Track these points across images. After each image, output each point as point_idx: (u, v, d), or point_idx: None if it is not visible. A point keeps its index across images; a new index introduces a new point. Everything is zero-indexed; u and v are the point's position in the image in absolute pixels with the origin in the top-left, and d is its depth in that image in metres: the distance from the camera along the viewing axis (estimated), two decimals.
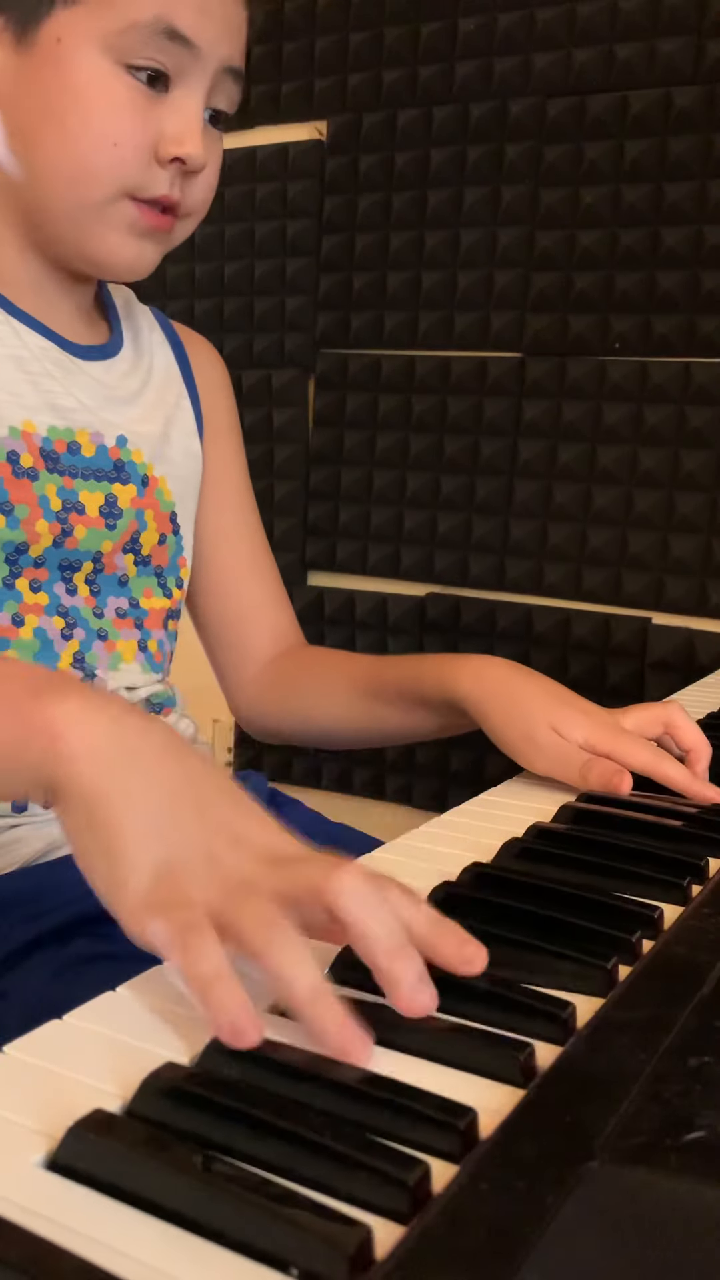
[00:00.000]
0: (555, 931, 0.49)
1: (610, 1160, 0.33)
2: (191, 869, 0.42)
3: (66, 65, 0.69)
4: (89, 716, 0.44)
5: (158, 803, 0.44)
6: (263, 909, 0.40)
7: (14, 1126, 0.35)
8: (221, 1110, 0.35)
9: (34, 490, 0.74)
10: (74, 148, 0.70)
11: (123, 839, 0.42)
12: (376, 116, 1.68)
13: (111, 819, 0.43)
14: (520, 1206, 0.31)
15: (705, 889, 0.56)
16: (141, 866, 0.42)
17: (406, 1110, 0.36)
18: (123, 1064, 0.38)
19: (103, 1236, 0.31)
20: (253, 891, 0.41)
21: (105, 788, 0.43)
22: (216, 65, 0.72)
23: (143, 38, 0.68)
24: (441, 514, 1.69)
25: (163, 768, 0.45)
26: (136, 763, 0.44)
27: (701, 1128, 0.35)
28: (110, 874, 0.43)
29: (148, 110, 0.70)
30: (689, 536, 1.51)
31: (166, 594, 0.84)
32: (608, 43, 1.50)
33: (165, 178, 0.72)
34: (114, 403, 0.80)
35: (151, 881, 0.42)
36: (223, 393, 0.94)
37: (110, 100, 0.69)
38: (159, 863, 0.42)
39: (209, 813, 0.45)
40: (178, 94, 0.71)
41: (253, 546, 0.96)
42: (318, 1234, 0.30)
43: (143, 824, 0.43)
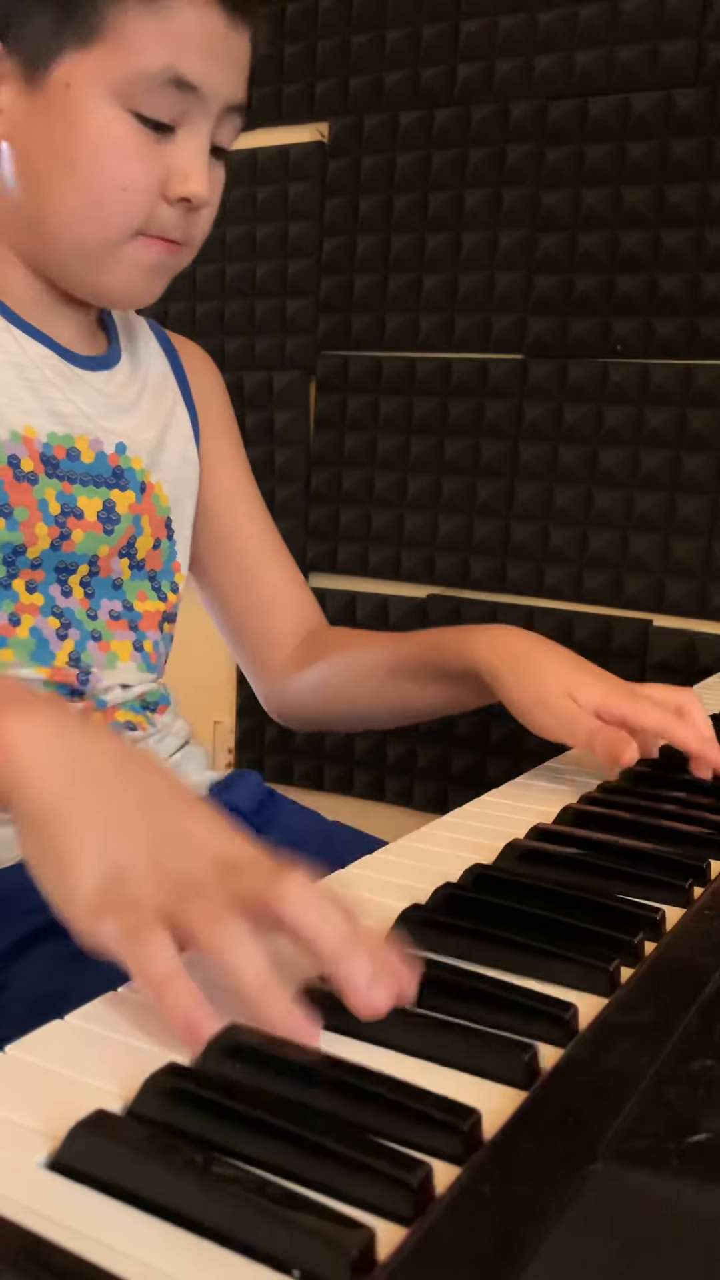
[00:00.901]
0: (557, 933, 0.49)
1: (613, 1163, 0.33)
2: (139, 874, 0.43)
3: (76, 110, 0.70)
4: (42, 732, 0.46)
5: (106, 814, 0.45)
6: (210, 905, 0.41)
7: (16, 1127, 0.35)
8: (223, 1111, 0.35)
9: (34, 494, 0.75)
10: (84, 191, 0.72)
11: (70, 850, 0.44)
12: (378, 118, 1.68)
13: (59, 831, 0.44)
14: (523, 1209, 0.31)
15: (707, 891, 0.56)
16: (88, 875, 0.43)
17: (409, 1111, 0.36)
18: (124, 1064, 0.38)
19: (104, 1237, 0.31)
20: (200, 891, 0.42)
21: (53, 802, 0.44)
22: (220, 106, 0.73)
23: (151, 86, 0.70)
24: (443, 516, 1.69)
25: (113, 779, 0.46)
26: (85, 776, 0.46)
27: (704, 1130, 0.35)
28: (59, 883, 0.44)
29: (154, 153, 0.72)
30: (690, 539, 1.51)
31: (161, 597, 0.85)
32: (609, 45, 1.50)
33: (172, 215, 0.74)
34: (113, 411, 0.81)
35: (99, 888, 0.43)
36: (218, 396, 0.95)
37: (119, 146, 0.71)
38: (107, 870, 0.43)
39: (158, 821, 0.46)
40: (183, 136, 0.72)
41: (265, 537, 0.97)
42: (320, 1236, 0.30)
43: (90, 835, 0.44)
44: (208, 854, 0.45)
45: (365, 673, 0.91)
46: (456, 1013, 0.42)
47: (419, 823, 0.66)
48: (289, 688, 0.97)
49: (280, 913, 0.41)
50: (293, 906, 0.41)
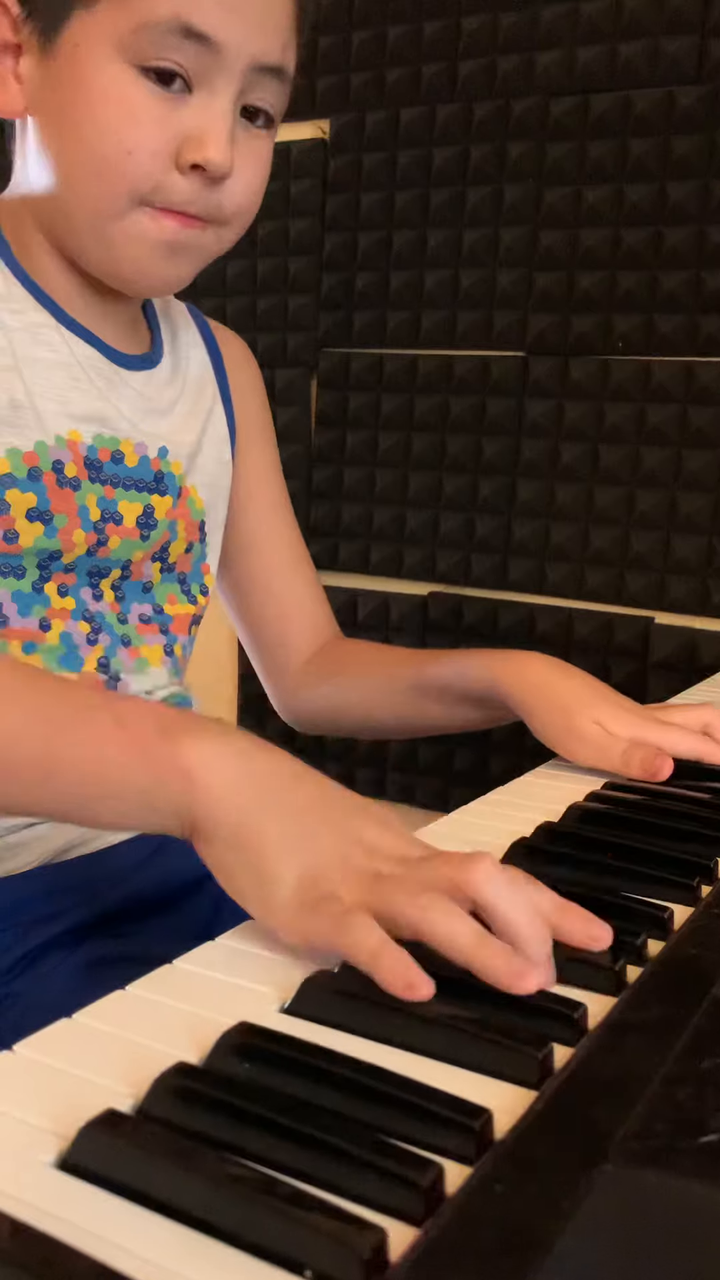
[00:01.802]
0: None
1: (624, 1163, 0.33)
2: (331, 873, 0.46)
3: (82, 71, 0.66)
4: (219, 754, 0.49)
5: (292, 821, 0.48)
6: (408, 888, 0.44)
7: (26, 1126, 0.35)
8: (234, 1111, 0.35)
9: (75, 500, 0.74)
10: (89, 156, 0.67)
11: (266, 857, 0.47)
12: (379, 115, 1.68)
13: (253, 842, 0.47)
14: (534, 1209, 0.31)
15: (715, 889, 0.56)
16: (286, 877, 0.46)
17: (420, 1111, 0.36)
18: (134, 1064, 0.38)
19: (115, 1237, 0.31)
20: (393, 881, 0.45)
21: (243, 817, 0.47)
22: (245, 64, 0.67)
23: (158, 37, 0.65)
24: (444, 513, 1.69)
25: (292, 790, 0.49)
26: (268, 790, 0.49)
27: (715, 1130, 0.35)
28: (259, 890, 0.47)
29: (167, 114, 0.66)
30: (691, 536, 1.51)
31: (191, 600, 0.85)
32: (611, 42, 1.49)
33: (186, 187, 0.68)
34: (153, 414, 0.80)
35: (297, 889, 0.46)
36: (255, 395, 0.93)
37: (124, 106, 0.66)
38: (301, 872, 0.46)
39: (341, 825, 0.49)
40: (200, 96, 0.67)
41: (290, 546, 0.96)
42: (332, 1236, 0.30)
43: (281, 841, 0.47)
44: (392, 851, 0.48)
45: (385, 689, 0.92)
46: (466, 1012, 0.42)
47: (421, 821, 0.66)
48: (304, 696, 0.97)
49: (475, 894, 0.44)
50: (488, 888, 0.44)
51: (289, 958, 0.47)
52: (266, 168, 0.73)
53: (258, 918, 0.47)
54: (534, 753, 0.80)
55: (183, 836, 0.49)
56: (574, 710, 0.76)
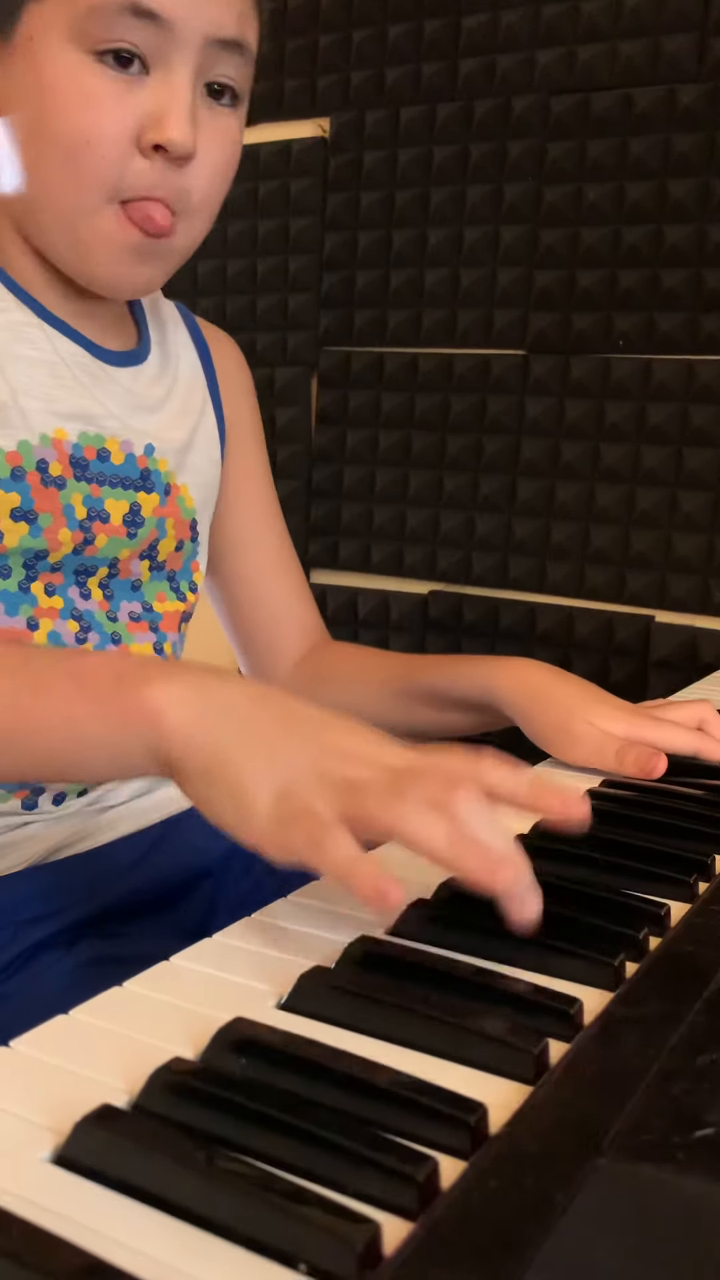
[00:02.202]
0: (562, 928, 0.48)
1: (619, 1157, 0.33)
2: (308, 786, 0.46)
3: (39, 64, 0.65)
4: (180, 692, 0.49)
5: (262, 742, 0.48)
6: (384, 794, 0.45)
7: (21, 1121, 0.35)
8: (229, 1106, 0.35)
9: (60, 499, 0.73)
10: (53, 150, 0.66)
11: (240, 778, 0.46)
12: (379, 114, 1.68)
13: (227, 766, 0.47)
14: (529, 1203, 0.31)
15: (712, 886, 0.56)
16: (263, 795, 0.46)
17: (415, 1106, 0.36)
18: (129, 1059, 0.38)
19: (110, 1232, 0.31)
20: (371, 789, 0.45)
21: (214, 747, 0.47)
22: (200, 39, 0.65)
23: (109, 19, 0.63)
24: (444, 512, 1.69)
25: (257, 712, 0.49)
26: (233, 717, 0.49)
27: (710, 1125, 0.35)
28: (237, 811, 0.46)
29: (124, 97, 0.65)
30: (692, 535, 1.51)
31: (180, 598, 0.84)
32: (611, 40, 1.50)
33: (150, 171, 0.66)
34: (141, 411, 0.80)
35: (274, 804, 0.46)
36: (246, 395, 0.93)
37: (81, 93, 0.64)
38: (278, 787, 0.46)
39: (311, 737, 0.49)
40: (157, 75, 0.65)
41: (279, 548, 0.96)
42: (326, 1230, 0.30)
43: (254, 761, 0.47)
44: (370, 760, 0.48)
45: (375, 694, 0.91)
46: (462, 1008, 0.42)
47: None
48: None
49: (451, 816, 0.44)
50: (464, 813, 0.44)
51: (286, 954, 0.47)
52: (235, 148, 0.72)
53: (241, 839, 0.47)
54: (532, 753, 0.80)
55: (162, 775, 0.50)
56: (569, 712, 0.76)
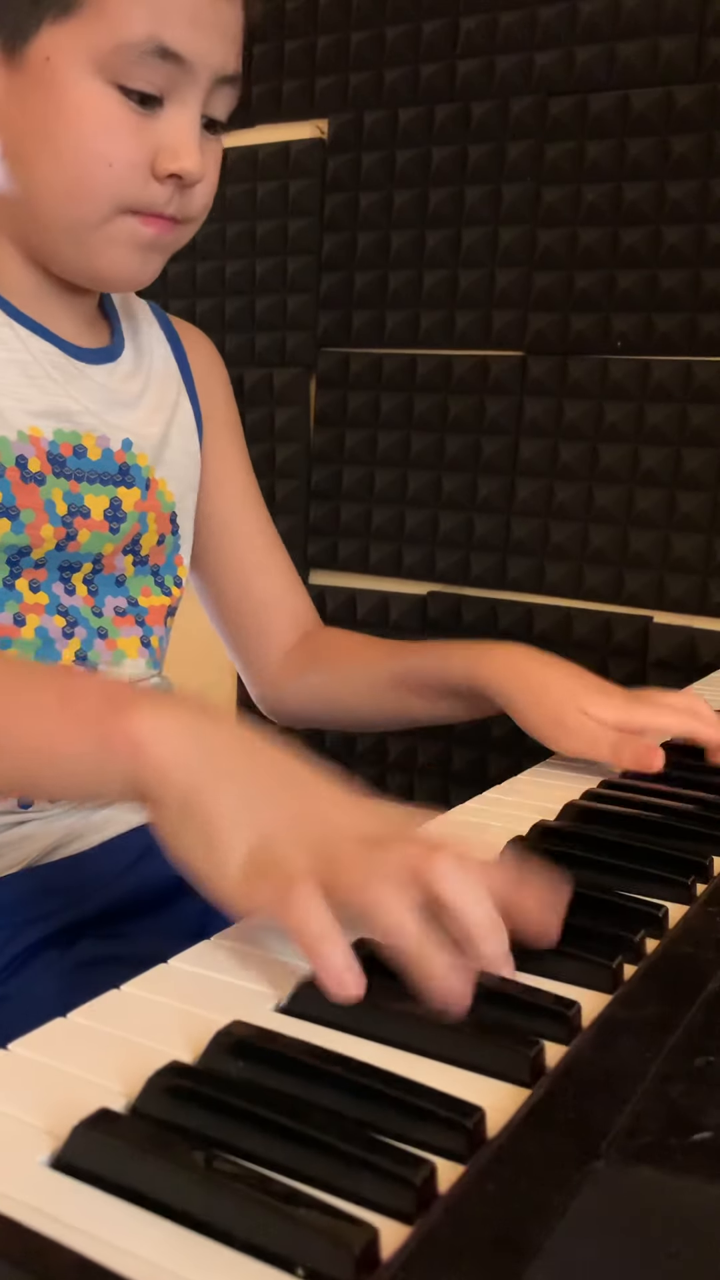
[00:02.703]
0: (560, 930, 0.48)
1: (616, 1160, 0.33)
2: (285, 843, 0.45)
3: (57, 85, 0.68)
4: (168, 724, 0.48)
5: (244, 790, 0.47)
6: (361, 869, 0.43)
7: (19, 1124, 0.35)
8: (227, 1109, 0.35)
9: (40, 495, 0.74)
10: (69, 168, 0.69)
11: (217, 825, 0.46)
12: (378, 115, 1.68)
13: (204, 810, 0.46)
14: (526, 1206, 0.31)
15: (710, 887, 0.56)
16: (237, 846, 0.45)
17: (413, 1109, 0.36)
18: (127, 1062, 0.38)
19: (108, 1236, 0.31)
20: (348, 857, 0.44)
21: (193, 784, 0.46)
22: (210, 77, 0.70)
23: (135, 57, 0.67)
24: (443, 513, 1.69)
25: (242, 758, 0.49)
26: (218, 757, 0.48)
27: (708, 1128, 0.35)
28: (209, 858, 0.46)
29: (141, 127, 0.69)
30: (690, 535, 1.51)
31: (165, 592, 0.85)
32: (609, 41, 1.49)
33: (163, 193, 0.71)
34: (117, 406, 0.80)
35: (248, 858, 0.45)
36: (220, 387, 0.94)
37: (103, 120, 0.68)
38: (254, 840, 0.45)
39: (294, 796, 0.48)
40: (172, 109, 0.69)
41: (264, 535, 0.96)
42: (324, 1234, 0.30)
43: (233, 809, 0.46)
44: (349, 828, 0.47)
45: (367, 682, 0.91)
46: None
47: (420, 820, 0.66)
48: (284, 689, 0.96)
49: (435, 887, 0.43)
50: (448, 882, 0.43)
51: (284, 957, 0.47)
52: (219, 166, 0.77)
53: (206, 886, 0.46)
54: (533, 752, 0.80)
55: (134, 805, 0.49)
56: (559, 700, 0.75)
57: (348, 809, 0.48)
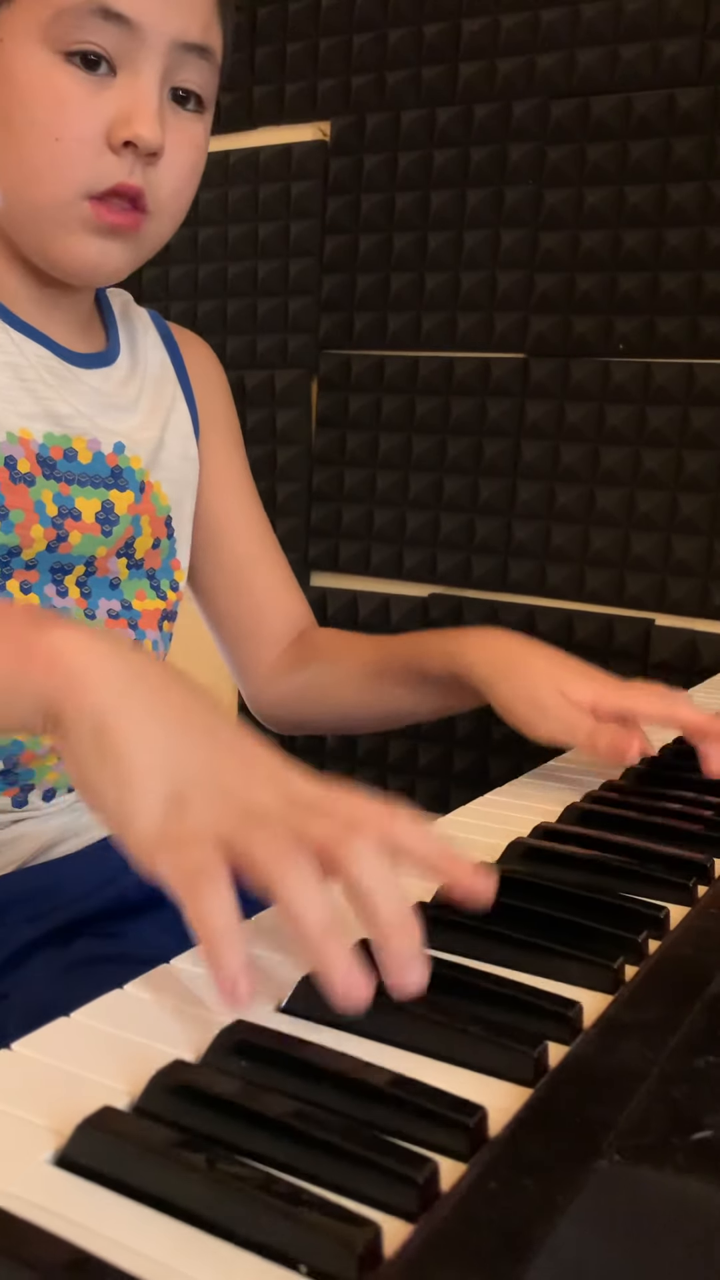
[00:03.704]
0: (562, 931, 0.49)
1: (619, 1160, 0.34)
2: (203, 798, 0.41)
3: (9, 64, 0.67)
4: (91, 644, 0.44)
5: (166, 729, 0.43)
6: (276, 839, 0.40)
7: (24, 1123, 0.35)
8: (230, 1108, 0.35)
9: (30, 496, 0.74)
10: (20, 148, 0.68)
11: (132, 766, 0.42)
12: (380, 117, 1.68)
13: (120, 744, 0.42)
14: (529, 1205, 0.31)
15: (711, 889, 0.56)
16: (152, 796, 0.41)
17: (415, 1108, 0.36)
18: (131, 1061, 0.38)
19: (112, 1233, 0.31)
20: (266, 823, 0.41)
21: (113, 710, 0.42)
22: (167, 42, 0.67)
23: (76, 21, 0.65)
24: (444, 515, 1.69)
25: (168, 694, 0.45)
26: (141, 688, 0.44)
27: (709, 1127, 0.35)
28: (119, 804, 0.42)
29: (92, 98, 0.67)
30: (692, 538, 1.51)
31: (160, 596, 0.84)
32: (612, 44, 1.50)
33: (121, 165, 0.68)
34: (112, 410, 0.80)
35: (162, 813, 0.41)
36: (219, 390, 0.93)
37: (51, 93, 0.66)
38: (170, 792, 0.42)
39: (218, 743, 0.44)
40: (124, 76, 0.67)
41: (261, 537, 0.96)
42: (327, 1232, 0.30)
43: (152, 750, 0.42)
44: (274, 782, 0.43)
45: (349, 676, 0.90)
46: (462, 1010, 0.42)
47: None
48: (277, 688, 0.96)
49: (345, 869, 0.40)
50: (359, 867, 0.40)
51: (286, 958, 0.47)
52: (200, 153, 0.73)
53: (112, 830, 0.42)
54: (534, 754, 0.79)
55: (44, 732, 0.45)
56: (537, 680, 0.73)
57: (271, 760, 0.44)
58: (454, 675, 0.80)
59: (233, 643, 0.97)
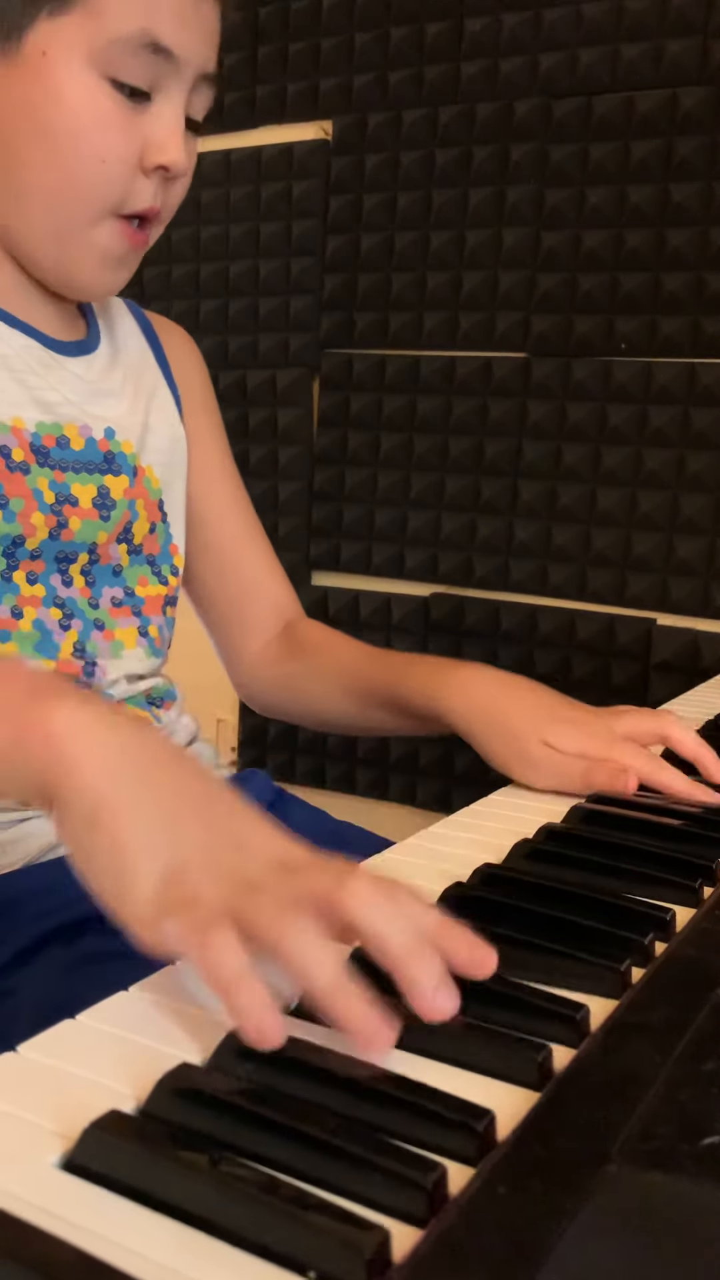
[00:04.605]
0: (567, 933, 0.49)
1: (627, 1164, 0.33)
2: (197, 871, 0.42)
3: (54, 79, 0.69)
4: (87, 723, 0.45)
5: (160, 809, 0.44)
6: (275, 902, 0.40)
7: (30, 1126, 0.35)
8: (237, 1111, 0.35)
9: (27, 484, 0.75)
10: (63, 165, 0.70)
11: (127, 846, 0.42)
12: (382, 116, 1.68)
13: (115, 826, 0.42)
14: (537, 1209, 0.31)
15: (717, 891, 0.56)
16: (148, 873, 0.42)
17: (423, 1112, 0.36)
18: (137, 1064, 0.38)
19: (119, 1237, 0.31)
20: (264, 888, 0.41)
21: (105, 791, 0.43)
22: (194, 73, 0.72)
23: (128, 50, 0.68)
24: (446, 514, 1.69)
25: (162, 774, 0.45)
26: (136, 769, 0.44)
27: (717, 1132, 0.35)
28: (117, 882, 0.42)
29: (131, 122, 0.70)
30: (694, 538, 1.51)
31: (162, 581, 0.85)
32: (614, 43, 1.50)
33: (149, 188, 0.72)
34: (99, 397, 0.81)
35: (159, 887, 0.42)
36: (197, 376, 0.95)
37: (97, 115, 0.69)
38: (165, 868, 0.42)
39: (212, 818, 0.45)
40: (159, 103, 0.71)
41: (245, 521, 0.97)
42: (335, 1237, 0.30)
43: (147, 830, 0.43)
44: (265, 854, 0.44)
45: (331, 687, 0.92)
46: (467, 1013, 0.42)
47: (422, 821, 0.66)
48: (260, 679, 0.97)
49: (347, 914, 0.40)
50: (360, 907, 0.40)
51: None
52: (193, 167, 0.78)
53: (111, 910, 0.43)
54: None
55: (41, 808, 0.45)
56: (520, 733, 0.73)
57: (265, 835, 0.45)
58: (434, 716, 0.80)
59: (219, 627, 0.98)
